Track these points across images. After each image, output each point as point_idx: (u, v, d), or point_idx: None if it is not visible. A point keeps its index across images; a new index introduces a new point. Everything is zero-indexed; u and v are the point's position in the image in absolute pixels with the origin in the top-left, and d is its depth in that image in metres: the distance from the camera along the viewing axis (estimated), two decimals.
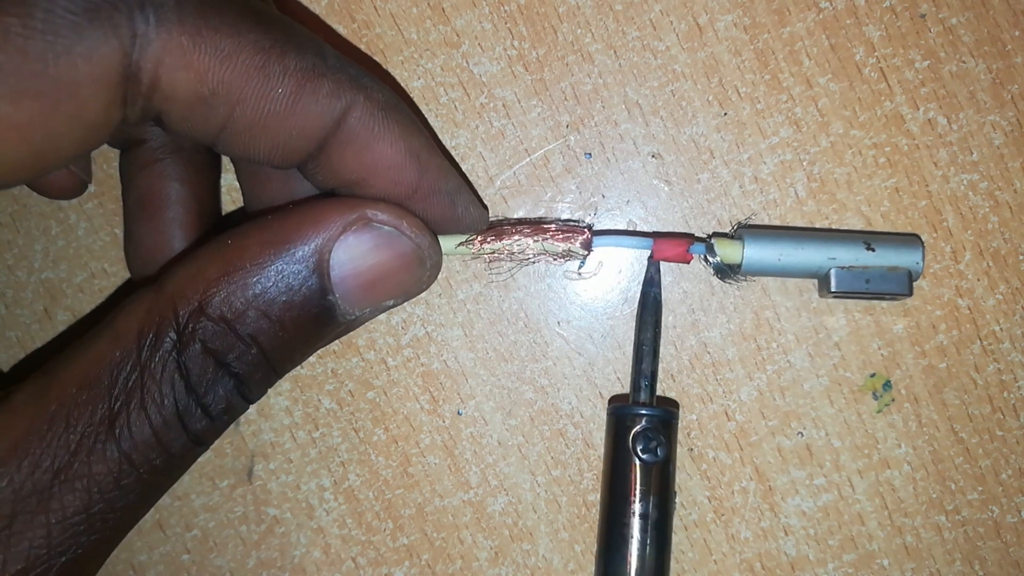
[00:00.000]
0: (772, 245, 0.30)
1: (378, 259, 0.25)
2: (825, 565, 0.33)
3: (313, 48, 0.24)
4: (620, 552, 0.29)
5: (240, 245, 0.24)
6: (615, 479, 0.30)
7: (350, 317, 0.26)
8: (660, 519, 0.30)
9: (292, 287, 0.24)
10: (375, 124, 0.25)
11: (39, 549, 0.22)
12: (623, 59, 0.33)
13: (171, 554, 0.34)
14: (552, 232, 0.30)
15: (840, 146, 0.33)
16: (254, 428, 0.34)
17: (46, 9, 0.20)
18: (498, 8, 0.33)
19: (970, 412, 0.33)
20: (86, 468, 0.22)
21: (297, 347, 0.26)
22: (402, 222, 0.25)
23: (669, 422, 0.30)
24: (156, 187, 0.29)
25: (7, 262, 0.34)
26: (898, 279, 0.30)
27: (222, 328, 0.23)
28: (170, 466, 0.24)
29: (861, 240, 0.30)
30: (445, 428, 0.33)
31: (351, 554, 0.34)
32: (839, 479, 0.33)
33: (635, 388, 0.31)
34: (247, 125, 0.24)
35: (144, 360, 0.23)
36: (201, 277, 0.24)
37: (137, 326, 0.23)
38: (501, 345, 0.33)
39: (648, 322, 0.31)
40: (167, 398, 0.23)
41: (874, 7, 0.33)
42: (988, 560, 0.33)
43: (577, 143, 0.33)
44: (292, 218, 0.24)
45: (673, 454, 0.30)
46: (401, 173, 0.26)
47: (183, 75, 0.22)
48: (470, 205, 0.28)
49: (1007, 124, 0.33)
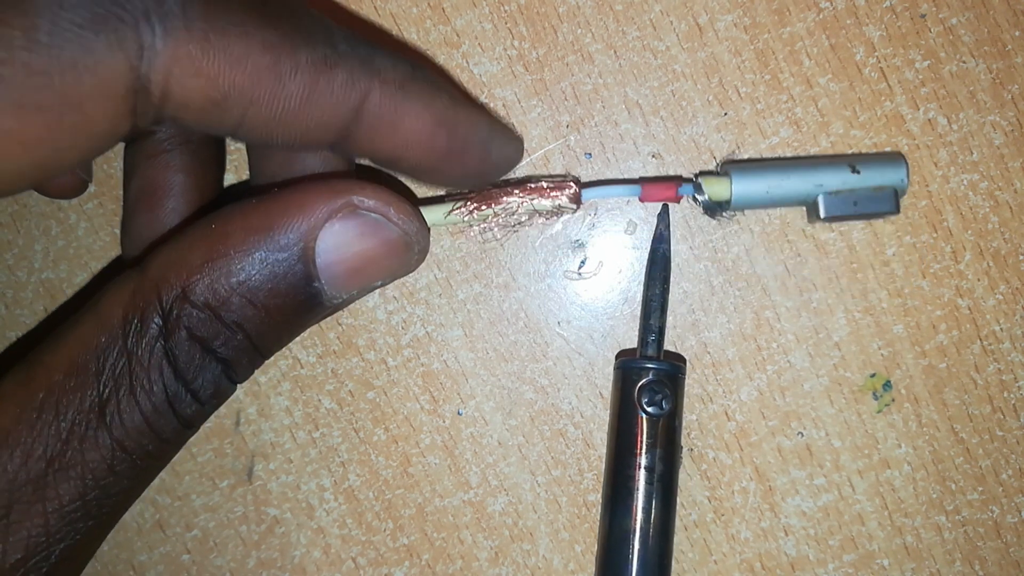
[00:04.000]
0: (759, 178, 0.30)
1: (364, 246, 0.25)
2: (825, 565, 0.33)
3: (323, 35, 0.24)
4: (625, 504, 0.30)
5: (224, 231, 0.24)
6: (621, 432, 0.30)
7: (336, 301, 0.25)
8: (666, 472, 0.30)
9: (277, 274, 0.24)
10: (395, 105, 0.25)
11: (38, 538, 0.22)
12: (623, 59, 0.33)
13: (171, 554, 0.34)
14: (540, 189, 0.30)
15: (840, 146, 0.33)
16: (254, 428, 0.34)
17: (51, 21, 0.20)
18: (498, 8, 0.33)
19: (970, 412, 0.33)
20: (79, 456, 0.22)
21: (283, 331, 0.26)
22: (389, 209, 0.25)
23: (675, 376, 0.30)
24: (160, 177, 0.29)
25: (7, 262, 0.34)
26: (885, 198, 0.30)
27: (207, 315, 0.23)
28: (162, 451, 0.24)
29: (845, 163, 0.30)
30: (445, 428, 0.33)
31: (351, 554, 0.34)
32: (839, 479, 0.33)
33: (642, 343, 0.31)
34: (263, 122, 0.23)
35: (131, 346, 0.23)
36: (184, 263, 0.23)
37: (122, 311, 0.23)
38: (501, 345, 0.33)
39: (656, 278, 0.31)
40: (156, 384, 0.23)
41: (874, 7, 0.33)
42: (988, 560, 0.33)
43: (577, 143, 0.33)
44: (277, 204, 0.24)
45: (679, 408, 0.31)
46: (432, 140, 0.26)
47: (194, 83, 0.22)
48: (504, 146, 0.28)
49: (1007, 124, 0.33)
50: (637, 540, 0.29)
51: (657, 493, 0.30)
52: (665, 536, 0.30)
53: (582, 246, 0.34)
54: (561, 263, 0.34)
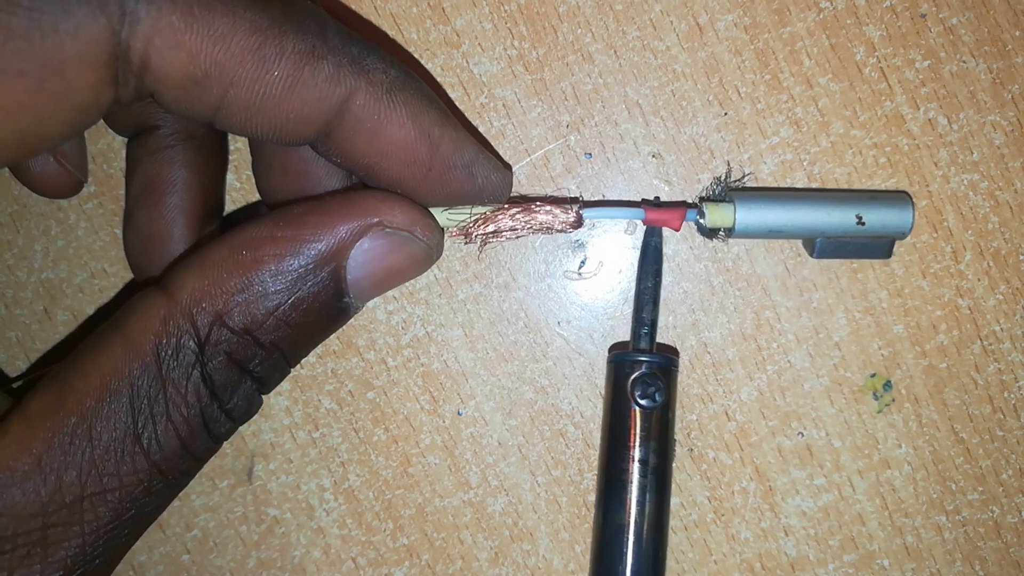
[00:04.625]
0: (763, 210, 0.30)
1: (391, 261, 0.25)
2: (825, 565, 0.33)
3: (314, 27, 0.23)
4: (619, 497, 0.30)
5: (255, 257, 0.24)
6: (614, 426, 0.30)
7: (358, 309, 0.26)
8: (660, 465, 0.30)
9: (310, 294, 0.24)
10: (380, 109, 0.24)
11: (76, 557, 0.22)
12: (623, 59, 0.33)
13: (171, 554, 0.34)
14: (542, 211, 0.30)
15: (840, 146, 0.33)
16: (254, 428, 0.34)
17: None
18: (498, 8, 0.33)
19: (970, 412, 0.33)
20: (116, 481, 0.22)
21: (313, 344, 0.26)
22: (416, 228, 0.25)
23: (668, 368, 0.30)
24: (163, 173, 0.29)
25: (7, 262, 0.34)
26: (881, 246, 0.30)
27: (247, 340, 0.24)
28: (194, 468, 0.25)
29: (852, 211, 0.30)
30: (445, 428, 0.33)
31: (351, 554, 0.34)
32: (839, 479, 0.33)
33: (635, 336, 0.31)
34: (242, 107, 0.23)
35: (165, 373, 0.23)
36: (219, 288, 0.23)
37: (154, 337, 0.23)
38: (501, 345, 0.33)
39: (648, 271, 0.31)
40: (193, 409, 0.23)
41: (874, 7, 0.33)
42: (988, 560, 0.33)
43: (577, 143, 0.33)
44: (306, 225, 0.24)
45: (673, 401, 0.31)
46: (413, 154, 0.25)
47: (174, 55, 0.21)
48: (491, 173, 0.28)
49: (1007, 124, 0.33)
50: (632, 533, 0.29)
51: (651, 486, 0.30)
52: (660, 529, 0.30)
53: (582, 246, 0.34)
54: (561, 263, 0.33)
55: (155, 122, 0.29)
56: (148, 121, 0.29)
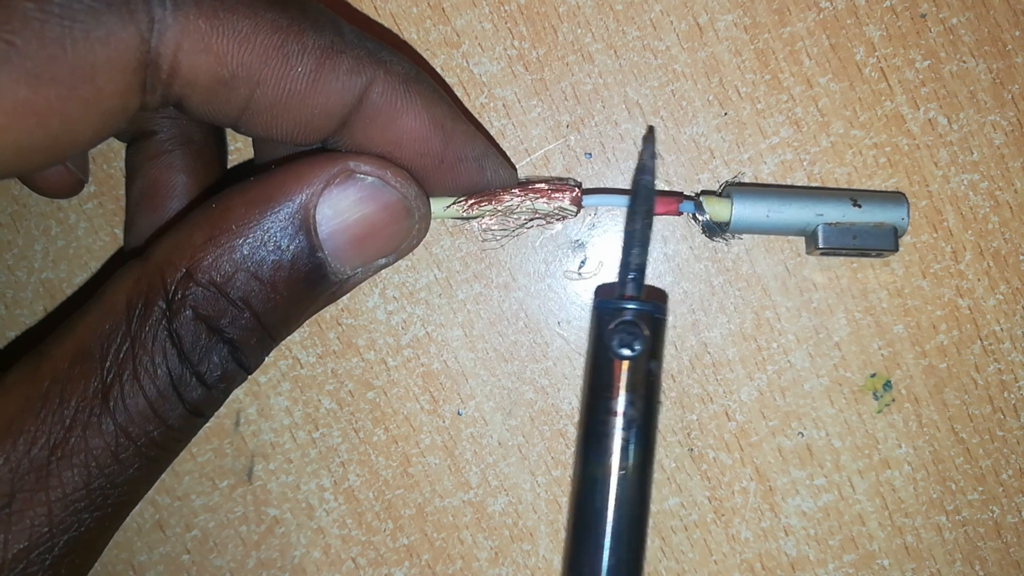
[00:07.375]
0: (760, 203, 0.30)
1: (364, 211, 0.25)
2: (825, 565, 0.33)
3: (331, 25, 0.24)
4: (596, 452, 0.28)
5: (224, 208, 0.24)
6: (594, 376, 0.28)
7: (342, 276, 0.25)
8: (643, 420, 0.28)
9: (280, 246, 0.24)
10: (397, 98, 0.25)
11: (41, 527, 0.22)
12: (623, 59, 0.33)
13: (171, 554, 0.34)
14: (541, 190, 0.30)
15: (840, 146, 0.33)
16: (254, 428, 0.34)
17: None
18: (498, 8, 0.33)
19: (970, 412, 0.33)
20: (83, 443, 0.22)
21: (291, 309, 0.25)
22: (386, 172, 0.25)
23: (653, 316, 0.28)
24: (163, 178, 0.29)
25: (7, 262, 0.34)
26: (884, 235, 0.30)
27: (212, 293, 0.23)
28: (169, 439, 0.24)
29: (848, 197, 0.30)
30: (445, 428, 0.33)
31: (351, 554, 0.34)
32: (839, 479, 0.33)
33: (621, 281, 0.29)
34: (268, 105, 0.24)
35: (135, 330, 0.23)
36: (188, 243, 0.23)
37: (125, 297, 0.23)
38: (501, 345, 0.33)
39: (639, 211, 0.29)
40: (160, 368, 0.23)
41: (874, 7, 0.33)
42: (988, 560, 0.33)
43: (577, 143, 0.33)
44: (275, 177, 0.24)
45: (659, 352, 0.28)
46: (426, 144, 0.26)
47: (203, 59, 0.22)
48: (499, 168, 0.28)
49: (1007, 124, 0.33)
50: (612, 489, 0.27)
51: (634, 441, 0.28)
52: (641, 487, 0.28)
53: (582, 246, 0.33)
54: (561, 263, 0.33)
55: (153, 127, 0.29)
56: (146, 126, 0.29)
